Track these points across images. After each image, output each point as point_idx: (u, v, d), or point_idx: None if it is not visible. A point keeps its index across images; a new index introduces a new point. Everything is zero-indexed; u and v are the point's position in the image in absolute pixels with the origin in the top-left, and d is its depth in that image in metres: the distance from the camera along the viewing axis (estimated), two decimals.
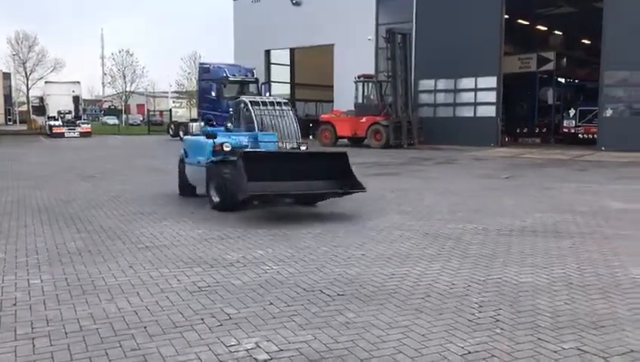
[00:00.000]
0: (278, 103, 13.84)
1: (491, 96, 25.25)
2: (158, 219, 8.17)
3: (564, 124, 26.94)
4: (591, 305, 4.57)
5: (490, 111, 25.22)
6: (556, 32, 35.03)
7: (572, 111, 26.81)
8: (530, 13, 31.20)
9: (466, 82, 25.92)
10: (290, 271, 5.46)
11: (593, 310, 4.46)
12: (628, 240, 6.94)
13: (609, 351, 3.70)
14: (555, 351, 3.70)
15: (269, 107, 13.70)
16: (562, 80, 33.68)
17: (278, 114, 13.83)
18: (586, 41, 34.26)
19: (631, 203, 9.91)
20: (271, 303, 4.57)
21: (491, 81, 25.10)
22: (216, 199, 8.71)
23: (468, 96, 26.02)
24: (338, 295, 4.77)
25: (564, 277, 5.33)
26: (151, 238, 6.89)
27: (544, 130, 29.66)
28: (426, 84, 27.06)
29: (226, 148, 8.72)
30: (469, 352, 3.67)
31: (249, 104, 13.35)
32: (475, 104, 25.76)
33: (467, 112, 25.96)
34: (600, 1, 22.14)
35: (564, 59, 32.71)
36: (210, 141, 9.09)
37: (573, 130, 26.23)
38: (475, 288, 4.99)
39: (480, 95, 25.56)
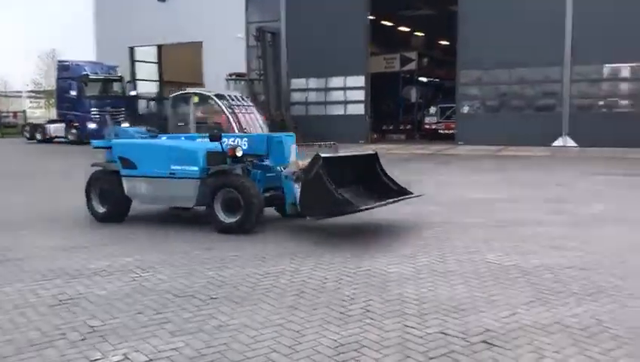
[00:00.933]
0: (242, 98, 12.31)
1: (360, 95, 26.14)
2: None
3: (426, 121, 28.53)
4: (452, 291, 4.87)
5: (359, 110, 26.09)
6: (418, 33, 37.04)
7: (433, 109, 28.50)
8: (393, 14, 32.68)
9: (336, 81, 26.60)
10: (160, 278, 5.27)
11: (454, 295, 4.76)
12: (484, 228, 7.49)
13: (468, 332, 3.96)
14: (421, 336, 3.89)
15: (237, 102, 12.01)
16: (424, 79, 35.67)
17: (245, 111, 12.06)
18: (444, 42, 36.56)
19: (487, 193, 10.72)
20: (140, 312, 4.37)
21: (359, 80, 25.98)
22: (229, 220, 7.00)
23: (338, 95, 26.73)
24: (211, 298, 4.68)
25: (428, 265, 5.64)
26: (3, 251, 6.33)
27: (409, 126, 31.23)
28: (298, 82, 27.41)
29: (238, 154, 7.18)
30: (342, 344, 3.76)
31: (215, 98, 11.76)
32: (345, 102, 26.52)
33: (338, 110, 26.66)
34: (455, 4, 23.71)
35: (425, 59, 34.67)
36: (203, 145, 7.40)
37: (434, 127, 27.86)
38: (346, 281, 5.13)
39: (349, 94, 26.36)
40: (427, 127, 28.32)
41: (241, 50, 28.17)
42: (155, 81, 35.44)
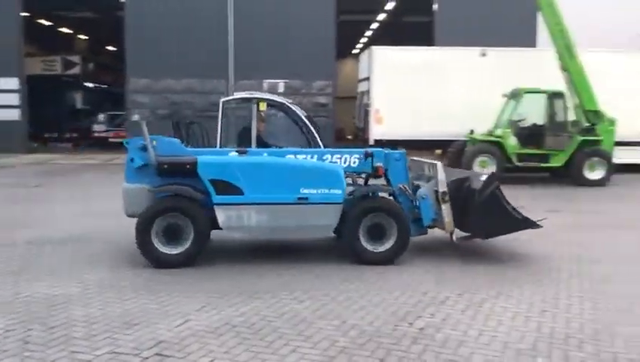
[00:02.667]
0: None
1: (13, 99, 23.35)
2: None
3: (95, 129, 27.17)
4: (123, 306, 4.69)
5: (12, 115, 23.26)
6: (82, 36, 34.96)
7: (102, 116, 27.28)
8: (52, 14, 30.20)
9: None
10: None
11: (125, 310, 4.59)
12: None
13: (141, 347, 3.87)
14: (89, 360, 3.65)
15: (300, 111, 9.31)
16: (91, 84, 33.89)
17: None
18: (112, 48, 35.34)
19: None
20: None
21: (12, 83, 23.21)
22: (378, 249, 6.20)
23: None
24: None
25: (98, 282, 5.33)
26: None
27: (75, 134, 29.26)
28: None
29: (381, 173, 6.45)
30: None
31: (291, 106, 9.18)
32: None
33: None
34: (122, 9, 23.09)
35: (91, 64, 32.97)
36: (338, 164, 6.42)
37: (104, 134, 26.70)
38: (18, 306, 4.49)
39: (1, 97, 23.33)
40: (96, 134, 26.97)
41: None
42: None
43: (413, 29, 27.15)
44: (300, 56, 21.53)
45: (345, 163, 6.50)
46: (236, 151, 6.61)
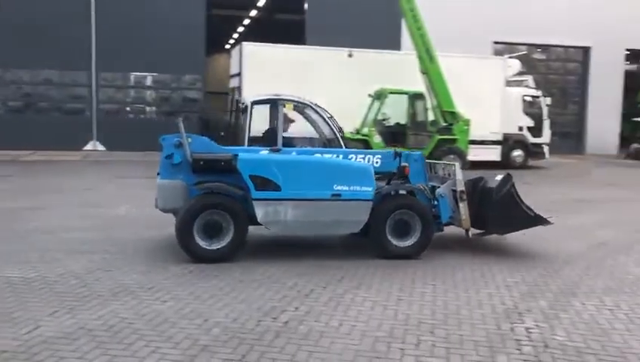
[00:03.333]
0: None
1: None
2: None
3: None
4: None
5: None
6: None
7: None
8: None
9: None
10: None
11: None
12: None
13: None
14: None
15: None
16: None
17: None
18: None
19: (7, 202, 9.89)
20: None
21: None
22: (402, 244, 6.51)
23: None
24: None
25: None
26: None
27: None
28: None
29: (407, 173, 6.83)
30: None
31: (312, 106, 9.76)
32: None
33: None
34: None
35: None
36: (367, 163, 6.83)
37: None
38: None
39: None
40: None
41: None
42: None
43: (285, 26, 27.42)
44: (168, 50, 20.89)
45: (368, 163, 6.85)
46: (270, 150, 6.92)
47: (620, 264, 6.54)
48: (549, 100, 20.03)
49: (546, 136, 19.27)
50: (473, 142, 16.01)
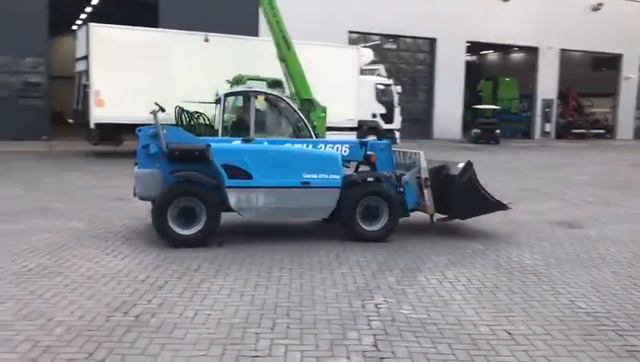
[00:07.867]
0: None
1: None
2: None
3: None
4: None
5: None
6: None
7: None
8: None
9: None
10: None
11: None
12: None
13: None
14: None
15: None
16: None
17: None
18: None
19: None
20: None
21: None
22: (370, 228, 6.79)
23: None
24: None
25: None
26: None
27: None
28: None
29: (373, 161, 7.10)
30: None
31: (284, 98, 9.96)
32: None
33: None
34: None
35: None
36: (335, 152, 7.10)
37: None
38: None
39: None
40: None
41: None
42: None
43: (138, 10, 26.12)
44: (6, 30, 19.08)
45: (337, 152, 7.10)
46: (242, 140, 7.16)
47: (460, 239, 7.10)
48: (399, 88, 21.15)
49: (397, 122, 20.33)
50: (330, 128, 16.43)
